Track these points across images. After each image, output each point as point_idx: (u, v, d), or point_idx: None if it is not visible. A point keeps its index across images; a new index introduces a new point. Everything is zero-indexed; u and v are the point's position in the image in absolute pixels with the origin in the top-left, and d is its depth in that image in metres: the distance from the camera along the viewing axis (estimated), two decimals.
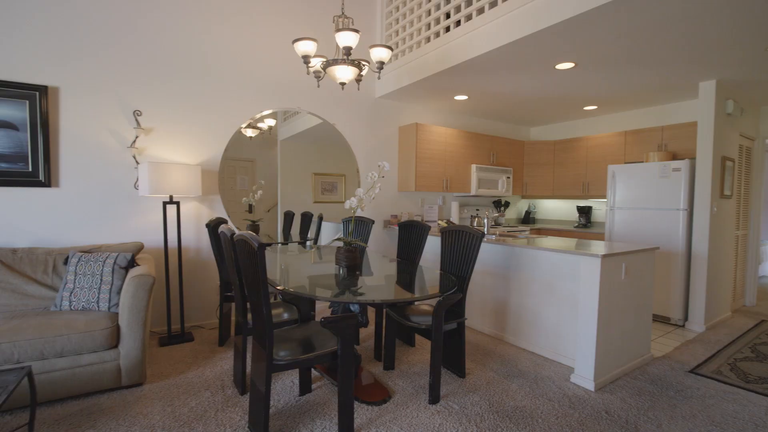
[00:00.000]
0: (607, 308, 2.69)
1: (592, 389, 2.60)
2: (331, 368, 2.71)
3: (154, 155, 3.51)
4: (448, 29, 3.78)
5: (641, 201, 4.25)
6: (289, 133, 4.23)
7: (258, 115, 4.01)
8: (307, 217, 4.49)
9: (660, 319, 4.13)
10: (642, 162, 4.39)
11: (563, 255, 2.98)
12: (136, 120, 3.41)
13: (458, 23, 3.70)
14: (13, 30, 2.97)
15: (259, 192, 4.13)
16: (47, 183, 3.13)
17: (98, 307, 2.70)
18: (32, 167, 3.09)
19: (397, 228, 4.67)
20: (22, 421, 2.15)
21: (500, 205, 5.97)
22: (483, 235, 2.58)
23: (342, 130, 4.51)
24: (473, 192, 5.21)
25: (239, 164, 3.97)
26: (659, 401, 2.46)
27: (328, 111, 4.40)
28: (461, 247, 2.73)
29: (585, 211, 5.57)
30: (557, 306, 3.05)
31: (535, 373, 2.82)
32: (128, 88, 3.38)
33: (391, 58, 4.24)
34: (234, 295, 3.10)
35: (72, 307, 2.69)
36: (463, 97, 4.62)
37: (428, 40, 3.97)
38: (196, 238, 3.74)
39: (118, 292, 2.74)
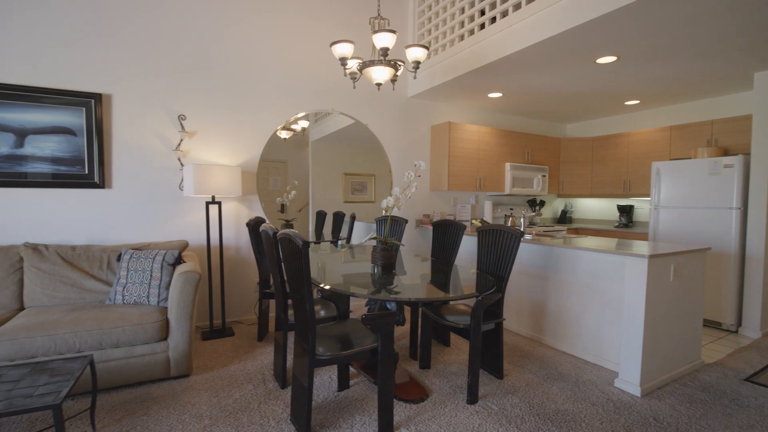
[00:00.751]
0: (655, 311, 2.58)
1: (638, 395, 2.50)
2: (367, 365, 2.74)
3: (197, 157, 3.66)
4: (482, 26, 3.74)
5: (689, 199, 4.05)
6: (320, 134, 4.30)
7: (292, 118, 4.10)
8: (339, 217, 4.55)
9: (711, 324, 3.92)
10: (689, 158, 4.18)
11: (606, 255, 2.89)
12: (181, 124, 3.57)
13: (493, 20, 3.65)
14: (72, 43, 3.18)
15: (293, 192, 4.22)
16: (101, 184, 3.33)
17: (148, 301, 2.84)
18: (88, 170, 3.30)
19: (429, 227, 4.66)
20: (83, 407, 2.30)
21: (535, 204, 5.84)
22: (522, 234, 2.53)
23: (374, 131, 4.54)
24: (507, 191, 5.12)
25: (272, 165, 4.08)
26: (712, 410, 2.34)
27: (360, 112, 4.45)
28: (499, 246, 2.69)
29: (626, 211, 5.36)
30: (599, 308, 2.95)
31: (577, 377, 2.75)
32: (173, 94, 3.55)
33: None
34: (274, 292, 3.20)
35: (125, 301, 2.85)
36: (498, 95, 4.56)
37: (462, 38, 3.94)
38: (235, 236, 3.87)
39: (167, 288, 2.88)
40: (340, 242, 4.48)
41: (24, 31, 3.04)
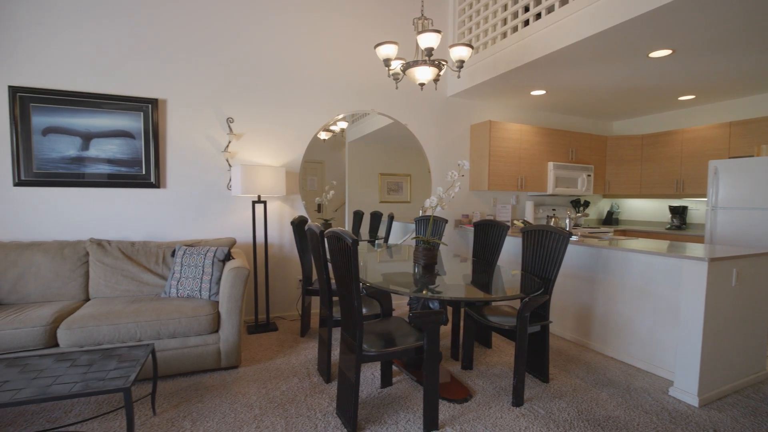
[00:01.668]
0: (715, 318, 2.44)
1: (696, 405, 2.38)
2: (409, 363, 2.76)
3: (244, 158, 3.81)
4: (526, 23, 3.67)
5: (751, 200, 3.79)
6: (357, 135, 4.36)
7: (332, 119, 4.18)
8: (376, 217, 4.59)
9: None
10: (752, 156, 3.91)
11: (661, 258, 2.76)
12: (229, 126, 3.73)
13: (538, 16, 3.57)
14: (131, 52, 3.39)
15: (331, 192, 4.30)
16: (157, 184, 3.53)
17: (200, 295, 2.99)
18: (145, 171, 3.51)
19: (468, 228, 4.61)
20: (143, 392, 2.46)
21: (579, 204, 5.65)
22: (570, 235, 2.47)
23: (413, 131, 4.55)
24: (550, 191, 4.99)
25: (310, 166, 4.17)
26: None
27: (400, 112, 4.47)
28: (546, 248, 2.63)
29: (679, 212, 5.08)
30: (652, 313, 2.83)
31: (627, 384, 2.64)
32: (222, 98, 3.71)
33: None
34: (318, 289, 3.28)
35: (178, 295, 3.01)
36: (541, 92, 4.45)
37: (504, 35, 3.88)
38: (279, 234, 4.00)
39: (217, 282, 3.01)
40: (377, 242, 4.52)
41: (89, 44, 3.28)
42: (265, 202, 3.62)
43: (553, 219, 4.48)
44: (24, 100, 3.15)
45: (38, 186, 3.22)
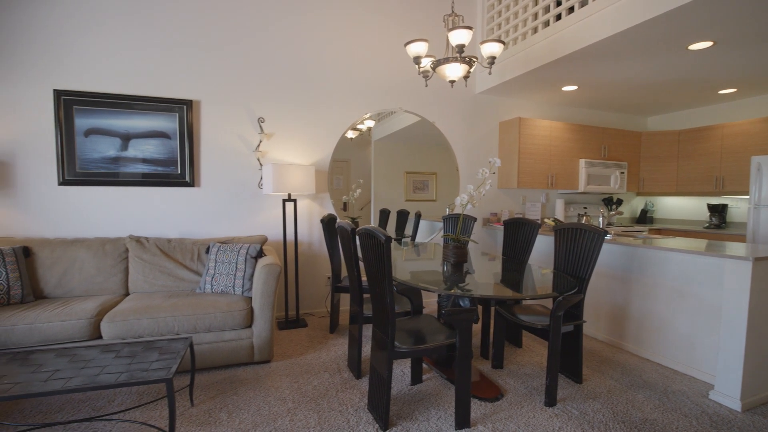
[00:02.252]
0: (759, 320, 2.34)
1: (738, 410, 2.28)
2: (439, 361, 2.75)
3: (274, 157, 3.88)
4: (558, 17, 3.59)
5: None
6: (383, 133, 4.36)
7: (360, 118, 4.21)
8: (403, 215, 4.59)
9: None
10: None
11: (700, 257, 2.65)
12: (260, 126, 3.81)
13: (571, 10, 3.49)
14: (167, 56, 3.51)
15: (358, 191, 4.33)
16: (191, 183, 3.64)
17: (234, 291, 3.07)
18: (180, 170, 3.62)
19: (497, 226, 4.56)
20: (181, 384, 2.55)
21: (612, 202, 5.49)
22: (605, 233, 2.41)
23: (441, 128, 4.53)
24: (581, 189, 4.87)
25: (336, 164, 4.20)
26: None
27: (427, 110, 4.45)
28: (580, 246, 2.58)
29: (718, 210, 4.87)
30: (691, 314, 2.72)
31: (664, 386, 2.56)
32: (254, 98, 3.79)
33: None
34: (347, 286, 3.32)
35: (213, 290, 3.10)
36: (572, 88, 4.34)
37: (535, 30, 3.81)
38: (308, 232, 4.06)
39: (250, 279, 3.09)
40: (404, 240, 4.53)
41: (128, 47, 3.41)
42: (295, 201, 3.68)
43: (584, 217, 4.38)
44: (68, 102, 3.31)
45: (81, 185, 3.38)
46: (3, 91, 3.15)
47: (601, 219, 3.40)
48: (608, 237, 3.33)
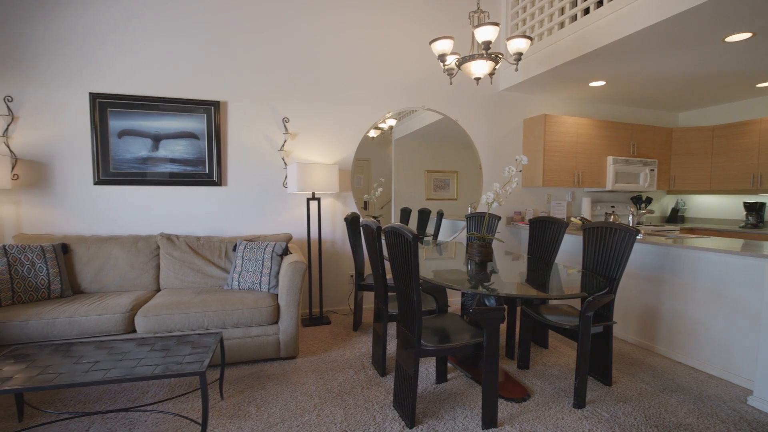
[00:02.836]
0: None
1: None
2: (463, 360, 2.74)
3: (299, 157, 3.93)
4: (586, 11, 3.51)
5: None
6: (404, 132, 4.36)
7: (382, 117, 4.21)
8: (424, 214, 4.57)
9: None
10: None
11: (738, 257, 2.55)
12: (285, 126, 3.87)
13: (600, 3, 3.40)
14: (196, 59, 3.60)
15: (380, 189, 4.34)
16: (219, 182, 3.73)
17: (260, 288, 3.13)
18: (208, 169, 3.71)
19: (521, 225, 4.50)
20: (211, 378, 2.61)
21: (641, 201, 5.33)
22: (637, 232, 2.34)
23: (464, 126, 4.49)
24: (609, 187, 4.75)
25: (357, 163, 4.22)
26: None
27: (450, 107, 4.43)
28: (610, 245, 2.52)
29: (755, 209, 4.67)
30: (728, 317, 2.62)
31: (699, 391, 2.48)
32: (278, 99, 3.85)
33: None
34: (372, 284, 3.34)
35: (240, 287, 3.17)
36: (600, 83, 4.24)
37: (561, 25, 3.73)
38: (331, 230, 4.09)
39: (276, 276, 3.14)
40: (426, 239, 4.51)
41: (158, 51, 3.52)
42: (319, 199, 3.72)
43: (612, 216, 4.28)
44: (103, 105, 3.43)
45: (115, 185, 3.50)
46: (43, 96, 3.30)
47: (630, 218, 3.31)
48: (638, 236, 3.23)
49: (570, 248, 3.88)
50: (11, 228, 3.29)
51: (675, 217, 5.47)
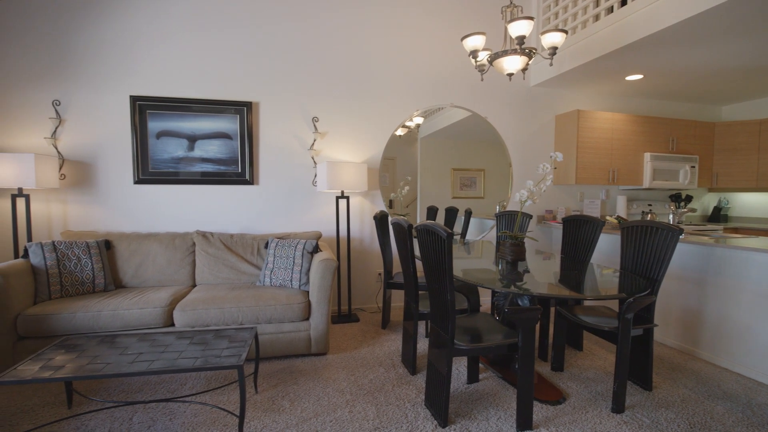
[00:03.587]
0: None
1: None
2: (495, 360, 2.70)
3: (328, 156, 3.97)
4: (623, 2, 3.38)
5: None
6: (430, 130, 4.32)
7: (410, 115, 4.20)
8: (451, 212, 4.53)
9: None
10: None
11: None
12: (314, 126, 3.91)
13: None
14: (229, 61, 3.70)
15: (406, 188, 4.32)
16: (251, 181, 3.81)
17: (291, 285, 3.18)
18: (241, 169, 3.80)
19: (553, 224, 4.39)
20: (246, 372, 2.68)
21: (680, 199, 5.11)
22: (681, 231, 2.24)
23: (493, 123, 4.42)
24: (646, 184, 4.57)
25: (382, 162, 4.21)
26: None
27: (478, 104, 4.36)
28: (651, 245, 2.42)
29: None
30: None
31: (748, 398, 2.35)
32: (308, 99, 3.90)
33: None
34: (402, 282, 3.34)
35: (272, 284, 3.23)
36: (637, 77, 4.08)
37: (596, 18, 3.61)
38: (359, 229, 4.12)
39: (306, 273, 3.18)
40: (454, 237, 4.46)
41: (194, 54, 3.63)
42: (348, 198, 3.75)
43: (649, 215, 4.12)
44: (142, 108, 3.57)
45: (153, 183, 3.63)
46: (88, 99, 3.46)
47: (671, 216, 3.17)
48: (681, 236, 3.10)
49: (605, 248, 3.76)
50: (59, 225, 3.46)
51: (717, 216, 5.22)
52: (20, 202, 3.34)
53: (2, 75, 3.31)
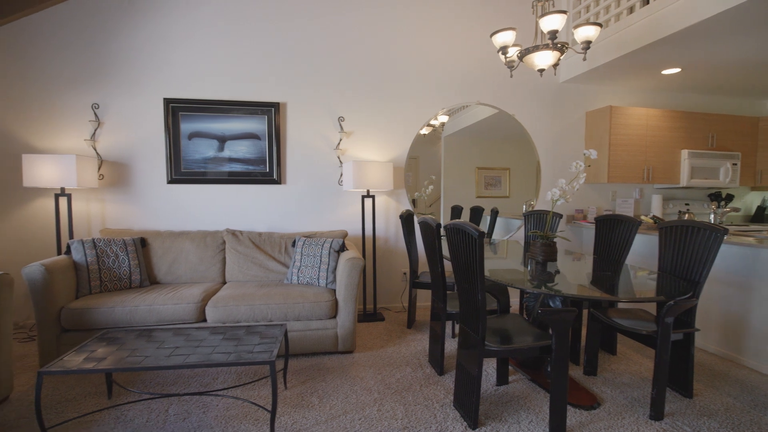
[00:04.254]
0: None
1: None
2: (524, 363, 2.65)
3: (354, 155, 3.99)
4: None
5: None
6: (454, 128, 4.27)
7: (435, 113, 4.16)
8: (477, 212, 4.46)
9: None
10: None
11: None
12: (340, 125, 3.94)
13: None
14: (258, 63, 3.76)
15: (430, 187, 4.29)
16: (278, 181, 3.87)
17: (318, 283, 3.21)
18: (269, 168, 3.86)
19: (583, 224, 4.27)
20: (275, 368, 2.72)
21: (720, 198, 4.88)
22: (726, 231, 2.14)
23: (521, 121, 4.33)
24: (683, 183, 4.38)
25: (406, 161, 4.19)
26: None
27: (505, 102, 4.29)
28: (692, 245, 2.32)
29: None
30: None
31: None
32: (334, 99, 3.93)
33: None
34: (429, 282, 3.32)
35: (299, 282, 3.27)
36: (674, 71, 3.92)
37: (631, 10, 3.49)
38: (384, 228, 4.12)
39: (333, 272, 3.21)
40: None
41: (224, 56, 3.71)
42: (373, 197, 3.76)
43: (686, 215, 3.95)
44: (175, 110, 3.68)
45: (185, 183, 3.74)
46: (124, 102, 3.59)
47: (711, 216, 3.03)
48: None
49: (640, 249, 3.62)
50: (98, 223, 3.61)
51: (761, 216, 4.95)
52: (62, 201, 3.50)
53: (45, 81, 3.48)
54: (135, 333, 2.25)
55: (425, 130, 4.21)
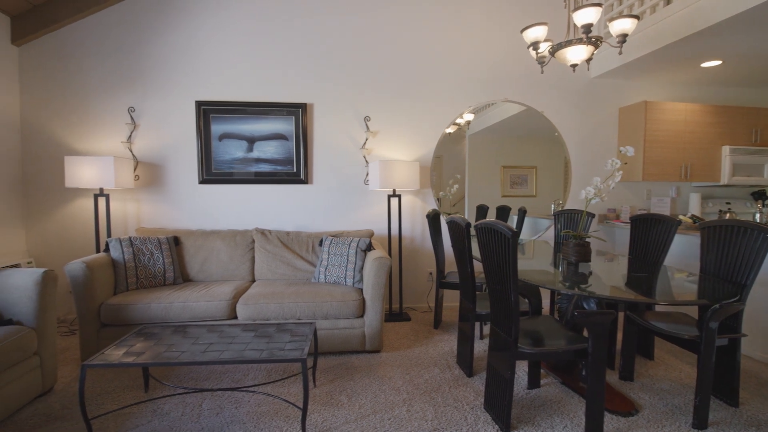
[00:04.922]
0: None
1: None
2: (557, 366, 2.58)
3: (379, 155, 3.99)
4: None
5: None
6: (478, 127, 4.20)
7: (460, 112, 4.11)
8: (503, 211, 4.38)
9: None
10: None
11: None
12: (366, 125, 3.94)
13: None
14: (285, 65, 3.81)
15: (455, 186, 4.24)
16: (305, 181, 3.91)
17: (345, 282, 3.22)
18: (296, 168, 3.91)
19: (615, 223, 4.13)
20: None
21: (764, 197, 4.62)
22: None
23: (551, 118, 4.23)
24: (724, 181, 4.18)
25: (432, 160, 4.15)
26: None
27: (534, 99, 4.19)
28: (738, 246, 2.20)
29: None
30: None
31: None
32: (360, 99, 3.94)
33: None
34: (460, 282, 3.27)
35: (326, 281, 3.29)
36: (715, 63, 3.74)
37: (668, 1, 3.35)
38: (410, 227, 4.10)
39: (360, 271, 3.21)
40: None
41: (252, 58, 3.78)
42: (399, 196, 3.74)
43: (728, 214, 3.76)
44: (206, 112, 3.77)
45: (215, 183, 3.83)
46: (157, 105, 3.71)
47: (757, 215, 2.87)
48: None
49: (677, 249, 3.48)
50: (133, 222, 3.74)
51: None
52: (101, 201, 3.64)
53: (84, 85, 3.63)
54: (171, 329, 2.32)
55: (450, 129, 4.17)
